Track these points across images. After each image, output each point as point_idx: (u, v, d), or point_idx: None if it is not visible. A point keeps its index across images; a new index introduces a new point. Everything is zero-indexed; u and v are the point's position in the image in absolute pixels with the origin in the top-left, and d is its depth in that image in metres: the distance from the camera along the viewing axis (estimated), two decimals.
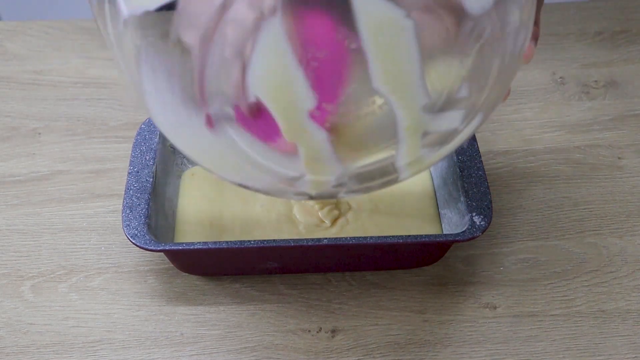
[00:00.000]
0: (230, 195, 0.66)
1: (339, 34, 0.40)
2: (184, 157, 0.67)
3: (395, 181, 0.48)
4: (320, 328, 0.59)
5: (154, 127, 0.65)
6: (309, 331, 0.59)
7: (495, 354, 0.58)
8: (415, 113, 0.43)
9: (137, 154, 0.63)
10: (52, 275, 0.62)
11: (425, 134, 0.44)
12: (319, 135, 0.43)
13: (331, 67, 0.41)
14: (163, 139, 0.65)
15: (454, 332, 0.59)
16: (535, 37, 0.48)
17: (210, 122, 0.43)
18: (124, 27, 0.42)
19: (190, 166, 0.67)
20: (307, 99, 0.41)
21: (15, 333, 0.59)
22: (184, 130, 0.45)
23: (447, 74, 0.43)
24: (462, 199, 0.61)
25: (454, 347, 0.58)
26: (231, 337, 0.59)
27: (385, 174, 0.47)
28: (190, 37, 0.40)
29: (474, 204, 0.60)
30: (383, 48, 0.40)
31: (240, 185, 0.49)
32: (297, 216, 0.63)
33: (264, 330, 0.59)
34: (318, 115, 0.43)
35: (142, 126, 0.65)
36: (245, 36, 0.39)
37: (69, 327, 0.59)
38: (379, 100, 0.42)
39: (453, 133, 0.46)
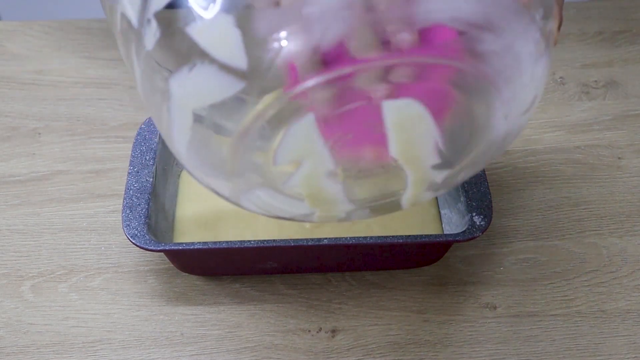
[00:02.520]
0: None
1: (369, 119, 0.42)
2: None
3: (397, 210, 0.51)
4: (320, 328, 0.59)
5: (154, 127, 0.65)
6: (309, 331, 0.59)
7: (495, 354, 0.58)
8: (425, 171, 0.46)
9: (137, 154, 0.63)
10: (52, 275, 0.62)
11: (431, 183, 0.47)
12: (336, 188, 0.46)
13: (354, 145, 0.44)
14: (163, 139, 0.65)
15: (453, 332, 0.59)
16: (558, 26, 0.50)
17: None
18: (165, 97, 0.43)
19: None
20: (328, 164, 0.44)
21: (15, 333, 0.59)
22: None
23: (459, 139, 0.45)
24: (462, 199, 0.61)
25: (454, 347, 0.58)
26: (231, 337, 0.59)
27: (391, 209, 0.50)
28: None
29: (474, 204, 0.60)
30: (401, 128, 0.42)
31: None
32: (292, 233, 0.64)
33: (263, 330, 0.59)
34: (337, 175, 0.45)
35: (142, 126, 0.65)
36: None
37: (69, 327, 0.59)
38: (393, 163, 0.45)
39: (457, 178, 0.48)
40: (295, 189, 0.45)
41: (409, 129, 0.42)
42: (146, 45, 0.42)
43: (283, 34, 0.38)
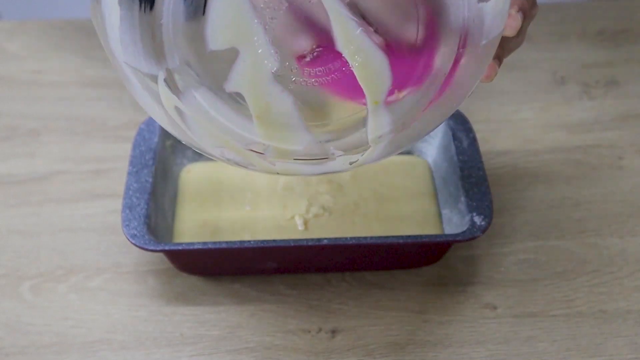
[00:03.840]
0: (228, 192, 0.66)
1: None
2: (184, 156, 0.67)
3: (362, 160, 0.47)
4: (320, 328, 0.59)
5: (154, 127, 0.65)
6: (309, 331, 0.59)
7: (495, 355, 0.58)
8: (380, 82, 0.42)
9: (137, 154, 0.63)
10: (51, 276, 0.62)
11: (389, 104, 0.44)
12: (285, 99, 0.43)
13: (292, 24, 0.41)
14: (163, 138, 0.65)
15: (454, 333, 0.59)
16: (522, 9, 0.46)
17: (172, 79, 0.43)
18: None
19: (187, 164, 0.67)
20: (269, 57, 0.41)
21: (15, 333, 0.59)
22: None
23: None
24: (462, 199, 0.60)
25: (454, 348, 0.58)
26: (231, 338, 0.59)
27: (357, 146, 0.47)
28: None
29: (474, 204, 0.59)
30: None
31: (212, 155, 0.48)
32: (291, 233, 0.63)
33: (263, 331, 0.59)
34: (282, 79, 0.42)
35: (142, 126, 0.65)
36: None
37: (69, 328, 0.59)
38: (343, 64, 0.42)
39: (418, 107, 0.45)
40: (236, 89, 0.42)
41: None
42: None
43: None
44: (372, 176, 0.67)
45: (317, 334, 0.59)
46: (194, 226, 0.63)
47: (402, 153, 0.68)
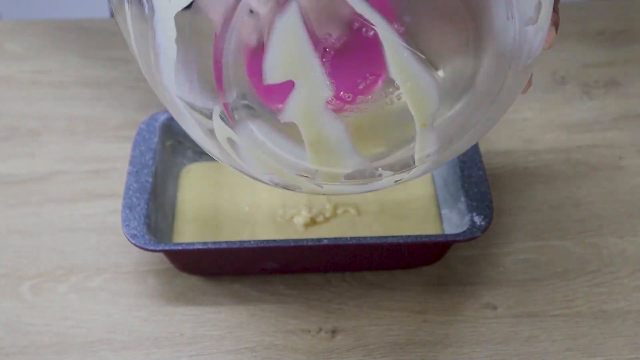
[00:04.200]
0: (227, 191, 0.66)
1: (356, 21, 0.40)
2: (184, 156, 0.67)
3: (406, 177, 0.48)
4: (320, 328, 0.59)
5: (154, 127, 0.65)
6: (309, 331, 0.59)
7: (495, 355, 0.58)
8: (425, 106, 0.43)
9: (137, 154, 0.63)
10: (51, 276, 0.62)
11: (438, 128, 0.45)
12: (337, 127, 0.44)
13: (348, 55, 0.41)
14: (163, 138, 0.65)
15: (454, 333, 0.59)
16: (555, 24, 0.48)
17: (229, 115, 0.44)
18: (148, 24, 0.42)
19: (187, 164, 0.67)
20: (324, 88, 0.42)
21: (15, 333, 0.59)
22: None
23: (463, 71, 0.43)
24: (462, 199, 0.60)
25: (454, 348, 0.58)
26: (231, 338, 0.59)
27: (403, 166, 0.47)
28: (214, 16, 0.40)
29: (474, 204, 0.59)
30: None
31: (261, 181, 0.48)
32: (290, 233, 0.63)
33: (263, 331, 0.59)
34: (336, 106, 0.43)
35: (142, 126, 0.65)
36: (262, 24, 0.40)
37: (69, 328, 0.59)
38: (396, 91, 0.43)
39: (465, 127, 0.46)
40: (291, 119, 0.43)
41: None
42: None
43: None
44: None
45: (317, 334, 0.59)
46: (194, 226, 0.63)
47: None
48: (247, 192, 0.66)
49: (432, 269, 0.63)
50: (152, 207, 0.60)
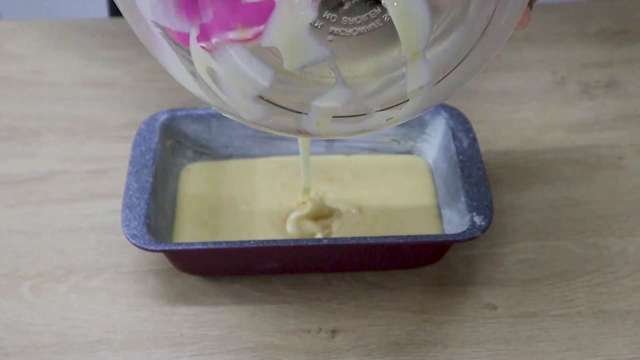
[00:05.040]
0: (227, 191, 0.66)
1: None
2: (184, 156, 0.67)
3: (399, 117, 0.47)
4: (320, 328, 0.59)
5: (154, 127, 0.65)
6: (309, 331, 0.59)
7: (495, 355, 0.58)
8: (419, 30, 0.41)
9: (137, 154, 0.63)
10: (51, 276, 0.62)
11: (428, 58, 0.43)
12: (322, 52, 0.42)
13: None
14: (163, 138, 0.65)
15: (454, 333, 0.59)
16: (530, 4, 0.45)
17: (207, 38, 0.41)
18: None
19: (187, 164, 0.67)
20: (307, 8, 0.40)
21: (15, 333, 0.59)
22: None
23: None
24: (462, 199, 0.60)
25: (454, 348, 0.58)
26: (231, 338, 0.59)
27: (396, 100, 0.45)
28: None
29: (474, 204, 0.59)
30: None
31: (248, 122, 0.47)
32: (289, 229, 0.63)
33: (263, 331, 0.59)
34: (319, 30, 0.41)
35: (142, 126, 0.65)
36: None
37: (69, 328, 0.59)
38: (384, 14, 0.41)
39: (456, 59, 0.44)
40: (273, 44, 0.41)
41: None
42: None
43: None
44: (373, 176, 0.67)
45: (317, 334, 0.59)
46: (194, 226, 0.63)
47: (402, 153, 0.68)
48: (247, 192, 0.66)
49: (432, 269, 0.63)
50: (152, 207, 0.60)
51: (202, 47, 0.42)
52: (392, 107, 0.46)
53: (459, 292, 0.62)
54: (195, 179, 0.67)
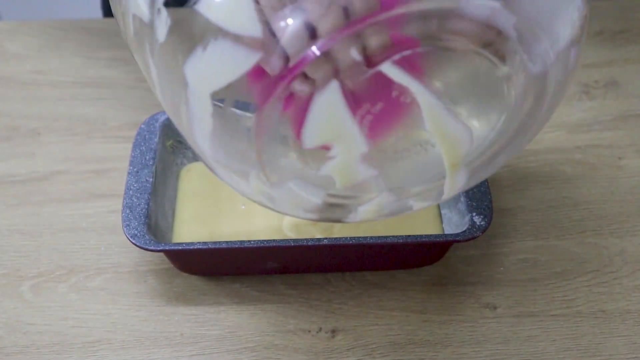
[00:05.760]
0: (228, 191, 0.65)
1: (394, 89, 0.41)
2: (184, 156, 0.67)
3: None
4: (320, 328, 0.59)
5: (154, 127, 0.65)
6: (309, 331, 0.59)
7: (495, 354, 0.58)
8: (459, 153, 0.45)
9: (137, 154, 0.63)
10: (51, 276, 0.62)
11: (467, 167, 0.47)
12: (371, 173, 0.45)
13: (384, 119, 0.43)
14: (163, 139, 0.65)
15: (454, 332, 0.59)
16: None
17: (266, 175, 0.44)
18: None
19: (187, 163, 0.67)
20: (362, 146, 0.42)
21: (15, 333, 0.59)
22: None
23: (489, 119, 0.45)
24: (462, 199, 0.60)
25: (454, 347, 0.58)
26: (231, 337, 0.59)
27: (433, 198, 0.49)
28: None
29: (474, 204, 0.59)
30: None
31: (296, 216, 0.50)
32: (286, 231, 0.63)
33: (263, 331, 0.59)
34: (370, 157, 0.44)
35: (142, 126, 0.65)
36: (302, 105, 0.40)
37: (69, 327, 0.59)
38: (425, 140, 0.44)
39: (492, 161, 0.48)
40: (328, 174, 0.44)
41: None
42: (158, 37, 0.41)
43: None
44: None
45: (317, 333, 0.59)
46: (194, 226, 0.63)
47: None
48: None
49: (432, 269, 0.63)
50: (152, 207, 0.60)
51: (260, 180, 0.45)
52: (431, 201, 0.50)
53: (459, 292, 0.62)
54: (195, 179, 0.67)
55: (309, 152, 0.43)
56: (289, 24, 0.37)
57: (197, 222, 0.63)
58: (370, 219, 0.49)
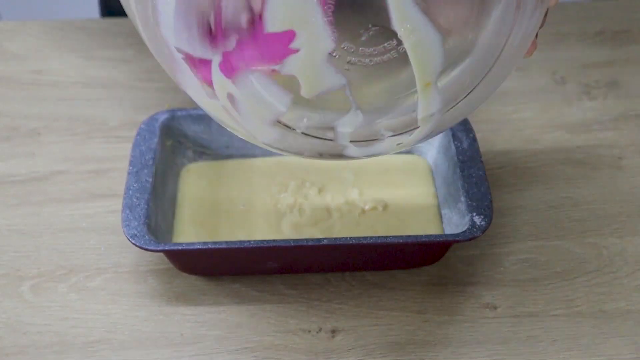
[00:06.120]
0: (228, 191, 0.66)
1: None
2: (184, 156, 0.67)
3: (406, 143, 0.48)
4: (320, 328, 0.59)
5: (154, 127, 0.65)
6: (309, 331, 0.59)
7: (495, 355, 0.58)
8: (432, 62, 0.43)
9: (137, 154, 0.63)
10: (51, 276, 0.62)
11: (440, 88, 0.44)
12: (338, 81, 0.43)
13: (350, 5, 0.40)
14: (163, 138, 0.65)
15: (454, 333, 0.59)
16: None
17: (229, 65, 0.43)
18: None
19: (187, 163, 0.67)
20: (326, 39, 0.41)
21: (15, 333, 0.59)
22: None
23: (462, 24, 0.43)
24: (462, 199, 0.61)
25: (454, 348, 0.58)
26: (231, 338, 0.59)
27: (406, 126, 0.47)
28: None
29: (474, 204, 0.59)
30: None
31: (262, 144, 0.48)
32: (286, 231, 0.63)
33: (263, 331, 0.59)
34: (337, 59, 0.42)
35: (142, 126, 0.65)
36: None
37: (69, 328, 0.59)
38: (399, 46, 0.42)
39: (467, 88, 0.46)
40: (291, 72, 0.42)
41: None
42: None
43: None
44: (373, 176, 0.67)
45: (317, 334, 0.59)
46: (194, 226, 0.63)
47: (402, 153, 0.68)
48: (247, 191, 0.66)
49: (432, 269, 0.63)
50: (152, 207, 0.60)
51: (223, 73, 0.43)
52: (403, 132, 0.47)
53: (459, 292, 0.62)
54: (195, 179, 0.67)
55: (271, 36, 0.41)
56: None
57: (197, 222, 0.63)
58: (353, 155, 0.47)
